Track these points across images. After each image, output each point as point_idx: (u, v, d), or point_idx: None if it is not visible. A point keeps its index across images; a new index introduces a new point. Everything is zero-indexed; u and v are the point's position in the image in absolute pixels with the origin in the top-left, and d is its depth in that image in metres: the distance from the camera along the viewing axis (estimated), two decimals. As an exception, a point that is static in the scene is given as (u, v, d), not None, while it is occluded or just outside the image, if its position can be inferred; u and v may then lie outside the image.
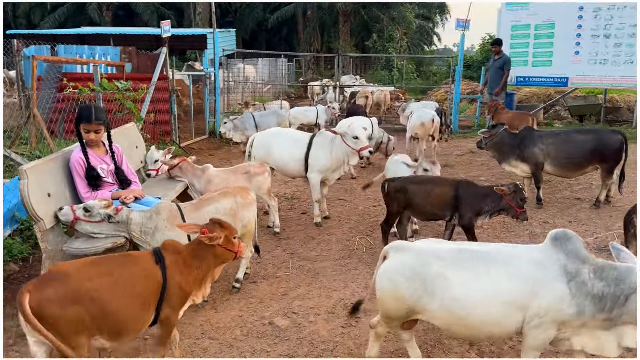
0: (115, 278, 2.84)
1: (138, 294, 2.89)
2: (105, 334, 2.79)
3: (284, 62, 28.53)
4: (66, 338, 2.61)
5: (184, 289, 3.07)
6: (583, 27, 12.09)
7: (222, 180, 5.43)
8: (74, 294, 2.66)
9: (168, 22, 10.57)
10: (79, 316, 2.65)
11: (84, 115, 4.26)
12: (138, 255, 3.15)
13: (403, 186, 4.72)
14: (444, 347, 3.64)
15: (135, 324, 2.90)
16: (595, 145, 5.93)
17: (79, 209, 3.87)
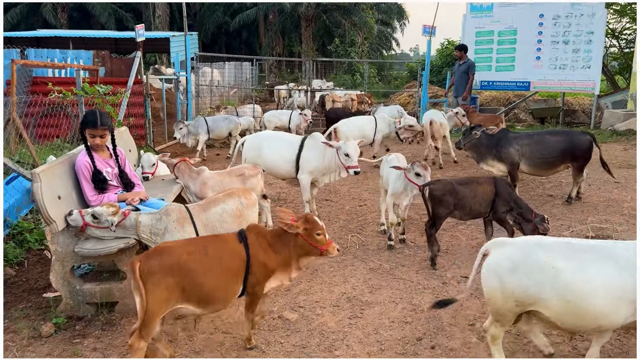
0: (208, 255, 3.27)
1: (226, 269, 3.31)
2: (195, 301, 3.21)
3: (248, 66, 28.61)
4: (157, 301, 3.07)
5: (265, 265, 3.41)
6: (544, 34, 12.73)
7: (217, 182, 5.56)
8: (174, 265, 3.12)
9: (142, 26, 10.55)
10: (175, 284, 3.11)
11: (90, 121, 4.34)
12: (226, 236, 3.55)
13: (451, 189, 4.85)
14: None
15: (223, 293, 3.32)
16: (566, 145, 6.35)
17: (88, 214, 3.94)
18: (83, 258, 4.13)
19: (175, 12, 36.43)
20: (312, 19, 34.82)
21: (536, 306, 2.97)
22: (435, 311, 4.14)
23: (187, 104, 13.06)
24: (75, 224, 3.95)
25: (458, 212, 4.95)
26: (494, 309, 3.17)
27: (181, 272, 3.13)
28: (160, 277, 3.07)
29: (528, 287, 2.93)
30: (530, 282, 2.92)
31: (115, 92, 8.48)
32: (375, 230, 6.05)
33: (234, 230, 4.30)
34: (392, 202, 5.44)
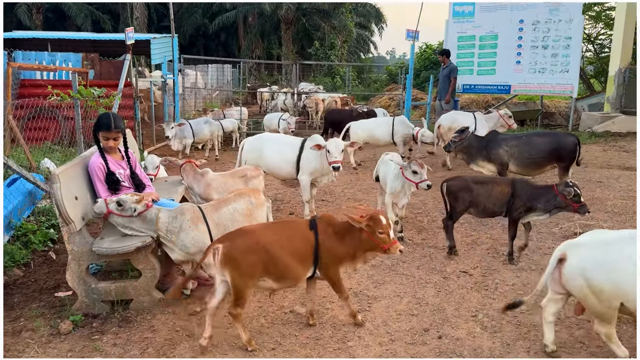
0: (282, 237, 3.66)
1: (297, 251, 3.66)
2: (273, 276, 3.62)
3: (229, 69, 28.64)
4: (243, 277, 3.52)
5: (333, 252, 3.73)
6: (524, 39, 13.15)
7: (221, 184, 5.70)
8: (255, 245, 3.54)
9: (132, 29, 10.63)
10: (256, 262, 3.52)
11: (104, 124, 4.47)
12: (298, 221, 4.01)
13: (467, 185, 5.05)
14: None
15: (295, 272, 3.68)
16: (553, 146, 6.66)
17: (112, 202, 4.10)
18: (99, 257, 4.25)
19: (153, 14, 36.26)
20: (292, 22, 35.01)
21: (628, 301, 3.02)
22: (440, 304, 4.37)
23: (174, 106, 13.10)
24: (100, 211, 4.10)
25: (473, 209, 5.14)
26: (591, 310, 3.25)
27: (261, 251, 3.53)
28: (245, 255, 3.49)
29: (617, 282, 3.00)
30: (619, 278, 2.99)
31: (108, 94, 8.56)
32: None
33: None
34: (390, 201, 5.65)
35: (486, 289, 4.65)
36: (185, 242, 4.24)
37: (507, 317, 4.16)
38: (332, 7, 34.99)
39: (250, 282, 3.59)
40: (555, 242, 5.62)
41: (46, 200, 6.46)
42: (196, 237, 4.26)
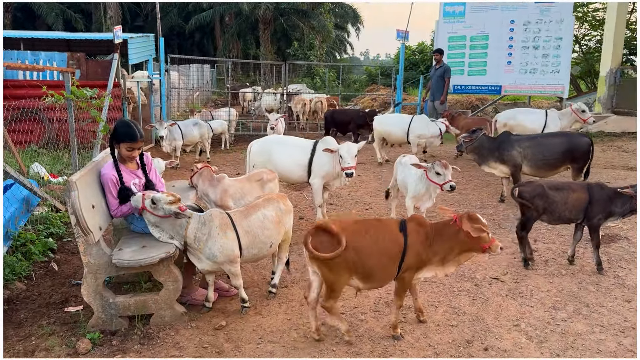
0: (371, 236, 3.53)
1: (385, 251, 3.53)
2: (360, 275, 3.54)
3: (208, 69, 28.22)
4: (334, 272, 3.47)
5: (420, 255, 3.57)
6: (514, 39, 13.16)
7: (237, 189, 5.44)
8: (340, 242, 3.39)
9: (119, 28, 10.22)
10: (344, 259, 3.43)
11: (129, 134, 4.20)
12: (387, 221, 3.76)
13: (542, 192, 4.75)
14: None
15: (381, 273, 3.58)
16: (567, 147, 6.57)
17: (148, 199, 3.88)
18: (118, 269, 3.94)
19: (126, 14, 35.52)
20: (270, 21, 34.67)
21: None
22: (477, 313, 4.20)
23: (160, 107, 12.72)
24: (136, 204, 3.91)
25: (547, 217, 4.86)
26: None
27: (350, 251, 3.42)
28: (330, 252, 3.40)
29: None
30: None
31: (100, 95, 8.19)
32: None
33: (274, 237, 4.27)
34: (412, 205, 5.47)
35: (522, 296, 4.49)
36: (213, 251, 3.98)
37: (550, 325, 4.00)
38: (310, 7, 34.77)
39: (340, 279, 3.52)
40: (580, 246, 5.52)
41: (42, 207, 6.09)
42: (225, 245, 4.00)
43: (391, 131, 9.82)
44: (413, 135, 9.52)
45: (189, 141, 10.45)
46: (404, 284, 3.71)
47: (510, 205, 6.91)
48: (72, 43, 17.64)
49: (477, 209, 6.84)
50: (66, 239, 5.95)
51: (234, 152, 12.16)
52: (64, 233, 6.02)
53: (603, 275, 4.84)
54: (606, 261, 5.11)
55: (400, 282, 3.70)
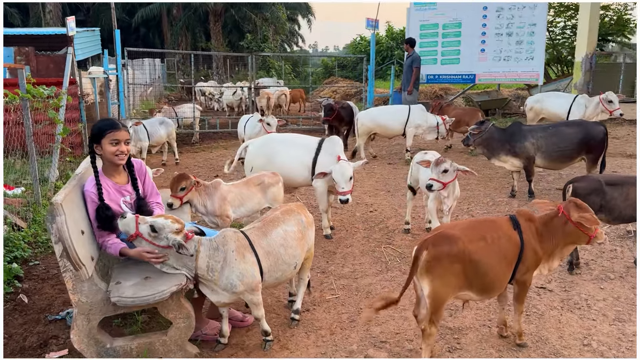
0: (488, 241, 3.12)
1: (504, 256, 3.15)
2: (475, 289, 3.15)
3: (159, 63, 26.92)
4: (445, 288, 3.03)
5: (537, 253, 3.25)
6: (487, 26, 12.83)
7: (237, 195, 4.76)
8: (461, 253, 3.01)
9: (73, 19, 9.18)
10: (461, 271, 3.03)
11: (109, 123, 3.40)
12: (500, 220, 3.33)
13: (599, 188, 4.25)
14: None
15: (500, 282, 3.20)
16: (582, 137, 6.17)
17: (145, 224, 3.09)
18: (116, 309, 3.18)
19: (66, 7, 33.53)
20: (221, 13, 33.50)
21: None
22: (538, 332, 3.67)
23: (118, 105, 11.70)
24: (125, 229, 3.10)
25: (605, 215, 4.30)
26: None
27: (466, 260, 3.04)
28: (449, 264, 3.01)
29: None
30: None
31: (57, 94, 7.25)
32: (406, 239, 5.48)
33: (298, 257, 3.63)
34: (435, 207, 4.90)
35: (578, 307, 3.99)
36: (231, 280, 3.25)
37: (622, 342, 3.52)
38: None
39: (452, 293, 3.12)
40: (615, 244, 5.11)
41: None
42: (244, 271, 3.28)
43: (387, 124, 9.22)
44: (412, 127, 9.03)
45: (156, 141, 9.53)
46: (526, 288, 3.36)
47: (522, 200, 6.47)
48: (9, 39, 16.25)
49: (490, 206, 6.36)
50: (32, 262, 5.07)
51: (203, 152, 11.31)
52: (29, 256, 5.14)
53: (574, 275, 4.44)
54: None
55: (522, 286, 3.34)
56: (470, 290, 3.16)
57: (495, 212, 6.11)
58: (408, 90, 11.54)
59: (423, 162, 4.78)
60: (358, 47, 32.55)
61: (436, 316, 3.08)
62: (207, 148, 11.66)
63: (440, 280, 3.02)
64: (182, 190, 4.36)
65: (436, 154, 5.21)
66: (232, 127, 14.19)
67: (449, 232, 3.11)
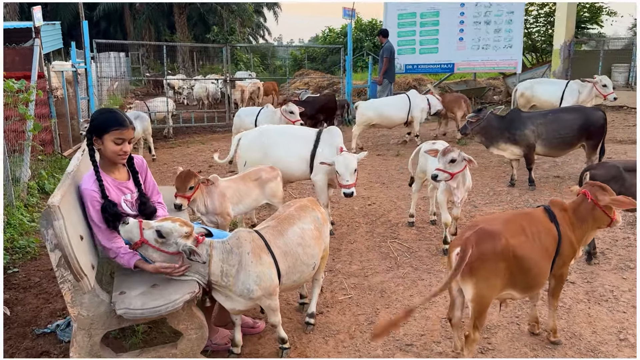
0: (528, 235, 2.93)
1: (545, 250, 2.97)
2: (518, 287, 2.94)
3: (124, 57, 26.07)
4: (490, 290, 2.81)
5: (573, 244, 3.09)
6: (465, 15, 12.72)
7: (235, 192, 4.44)
8: (505, 250, 2.79)
9: (39, 9, 8.61)
10: (505, 271, 2.81)
11: (115, 119, 3.01)
12: (535, 212, 3.14)
13: (618, 175, 4.04)
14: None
15: (543, 278, 3.01)
16: (582, 123, 6.04)
17: (150, 229, 2.74)
18: (120, 322, 2.83)
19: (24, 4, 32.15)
20: (185, 6, 32.68)
21: None
22: (569, 327, 3.49)
23: (88, 100, 11.13)
24: (129, 236, 2.74)
25: None
26: None
27: (510, 256, 2.82)
28: (494, 263, 2.79)
29: None
30: None
31: (26, 88, 6.77)
32: (411, 232, 5.25)
33: (316, 257, 3.35)
34: (445, 199, 4.66)
35: (605, 299, 3.83)
36: (247, 285, 2.94)
37: (659, 335, 3.36)
38: (228, -10, 33.18)
39: (495, 294, 2.89)
40: (627, 232, 4.99)
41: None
42: (261, 274, 2.98)
43: (391, 115, 9.08)
44: (417, 112, 9.04)
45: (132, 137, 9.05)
46: (562, 281, 3.23)
47: (523, 190, 6.32)
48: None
49: (491, 196, 6.18)
50: (11, 269, 4.64)
51: (179, 147, 10.86)
52: (7, 263, 4.70)
53: (593, 265, 4.32)
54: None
55: (559, 279, 3.20)
56: (514, 289, 2.95)
57: (497, 202, 5.93)
58: (378, 81, 11.49)
59: (431, 152, 4.53)
60: (327, 39, 32.22)
61: (480, 321, 2.86)
62: (183, 143, 11.22)
63: (486, 281, 2.79)
64: (191, 190, 4.00)
65: (445, 143, 4.98)
66: (207, 121, 13.78)
67: (489, 227, 2.87)
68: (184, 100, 18.63)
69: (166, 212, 3.45)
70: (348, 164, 4.63)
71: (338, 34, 32.00)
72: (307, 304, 3.85)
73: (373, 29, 30.14)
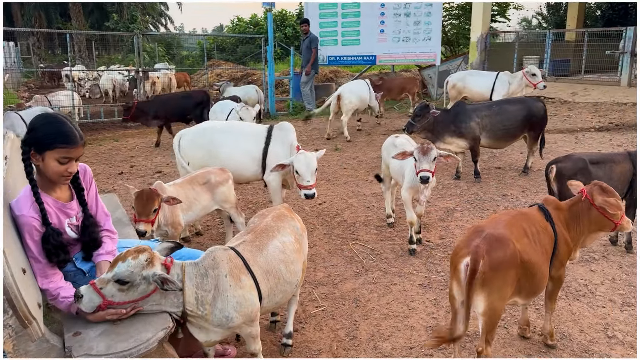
0: (530, 238, 2.78)
1: (545, 251, 2.83)
2: (523, 293, 2.78)
3: (13, 47, 23.77)
4: (501, 299, 2.62)
5: (568, 244, 2.95)
6: (386, 7, 12.69)
7: (184, 198, 3.90)
8: (514, 257, 2.61)
9: None
10: (514, 278, 2.65)
11: (63, 134, 2.39)
12: (531, 212, 2.97)
13: (584, 167, 4.01)
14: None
15: (545, 281, 2.87)
16: (526, 114, 6.08)
17: (108, 284, 2.21)
18: (82, 369, 2.30)
19: None
20: (81, -8, 30.42)
21: None
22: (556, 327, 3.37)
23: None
24: (91, 307, 2.23)
25: None
26: None
27: (518, 262, 2.64)
28: (505, 272, 2.59)
29: None
30: None
31: None
32: (371, 232, 4.98)
33: (299, 273, 2.99)
34: (410, 197, 4.44)
35: (582, 294, 3.78)
36: (226, 312, 2.49)
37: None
38: (126, -24, 31.29)
39: (505, 304, 2.70)
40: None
41: None
42: (241, 299, 2.54)
43: (369, 100, 9.62)
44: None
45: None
46: (561, 283, 3.09)
47: (470, 182, 6.27)
48: None
49: (440, 190, 6.05)
50: None
51: (90, 145, 9.85)
52: None
53: (632, 254, 4.36)
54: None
55: (557, 282, 3.05)
56: (519, 295, 2.78)
57: (448, 196, 5.83)
58: (306, 71, 11.57)
59: (398, 155, 4.24)
60: (237, 29, 31.33)
61: (492, 335, 2.66)
62: (93, 141, 10.22)
63: (498, 293, 2.59)
64: (154, 212, 3.44)
65: (409, 138, 4.76)
66: (118, 115, 12.76)
67: (497, 233, 2.64)
68: (86, 94, 17.24)
69: (116, 243, 2.86)
70: (309, 162, 4.26)
71: (248, 23, 31.25)
72: (278, 322, 3.48)
73: (283, 19, 29.75)
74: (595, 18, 25.32)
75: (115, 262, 2.26)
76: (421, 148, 4.06)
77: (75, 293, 2.21)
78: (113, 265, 2.25)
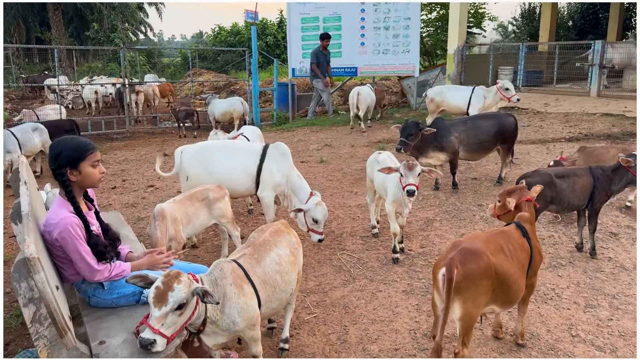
0: (506, 254, 3.06)
1: (522, 265, 3.13)
2: (499, 302, 3.08)
3: (-7, 58, 23.66)
4: (477, 308, 2.91)
5: (540, 252, 3.34)
6: (366, 20, 13.11)
7: (184, 215, 4.23)
8: (488, 269, 2.89)
9: None
10: (489, 288, 2.93)
11: (86, 145, 2.86)
12: (509, 230, 3.27)
13: (550, 181, 4.41)
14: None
15: (521, 291, 3.16)
16: (498, 129, 6.49)
17: (166, 315, 2.44)
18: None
19: None
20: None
21: None
22: (527, 327, 3.74)
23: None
24: (155, 346, 2.42)
25: (555, 206, 4.61)
26: None
27: (493, 274, 2.93)
28: (479, 282, 2.88)
29: None
30: None
31: None
32: (357, 242, 5.32)
33: (293, 283, 3.32)
34: (393, 210, 4.79)
35: (550, 297, 4.16)
36: (232, 317, 2.82)
37: (603, 328, 3.73)
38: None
39: (480, 311, 3.00)
40: (550, 230, 5.44)
41: None
42: (244, 305, 2.87)
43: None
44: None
45: (30, 151, 8.27)
46: (533, 289, 3.48)
47: (448, 193, 6.64)
48: None
49: (420, 201, 6.42)
50: None
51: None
52: None
53: (597, 259, 4.77)
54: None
55: (531, 288, 3.41)
56: (495, 304, 3.09)
57: (428, 207, 6.20)
58: (327, 82, 12.50)
59: (384, 170, 4.61)
60: (218, 38, 31.61)
61: (468, 337, 2.97)
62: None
63: (472, 300, 2.88)
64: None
65: (390, 154, 5.12)
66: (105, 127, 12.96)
67: (472, 246, 2.98)
68: (70, 105, 17.34)
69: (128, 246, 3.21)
70: (326, 213, 4.81)
71: (229, 32, 31.54)
72: (275, 329, 3.79)
73: (264, 28, 30.09)
74: (568, 28, 26.16)
75: (164, 297, 2.42)
76: (407, 164, 4.43)
77: (150, 343, 2.39)
78: (161, 300, 2.42)
